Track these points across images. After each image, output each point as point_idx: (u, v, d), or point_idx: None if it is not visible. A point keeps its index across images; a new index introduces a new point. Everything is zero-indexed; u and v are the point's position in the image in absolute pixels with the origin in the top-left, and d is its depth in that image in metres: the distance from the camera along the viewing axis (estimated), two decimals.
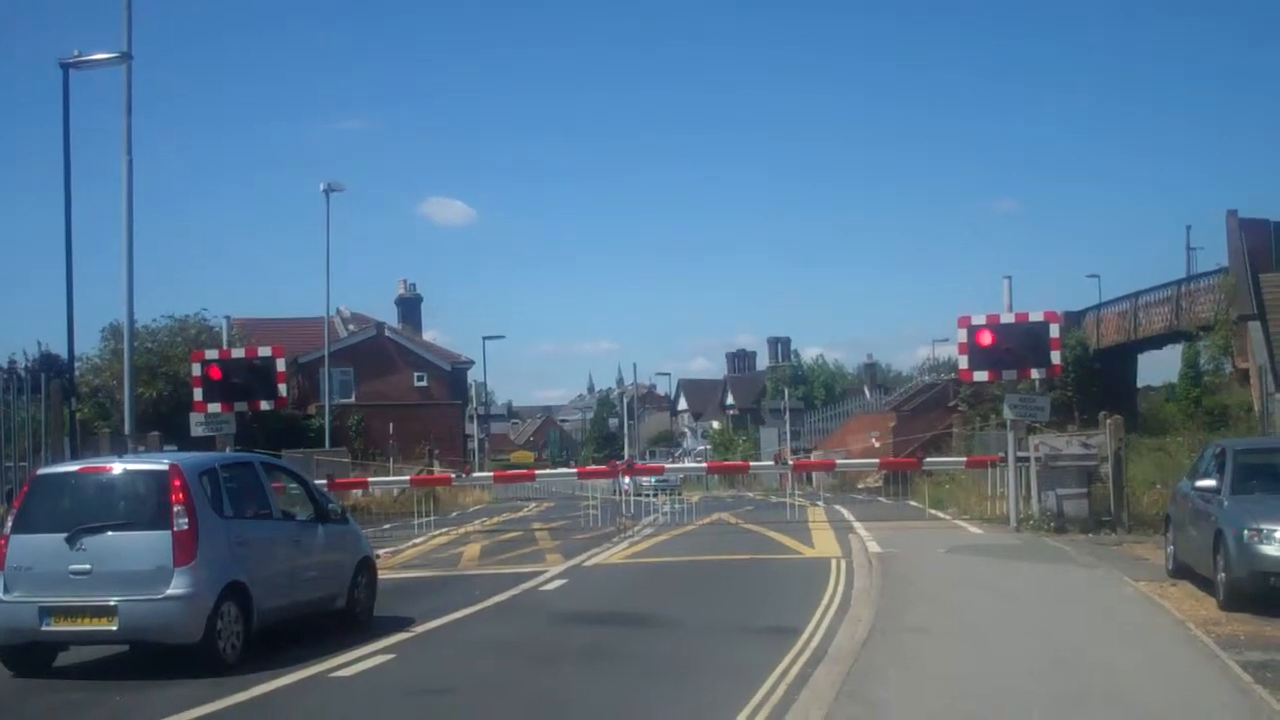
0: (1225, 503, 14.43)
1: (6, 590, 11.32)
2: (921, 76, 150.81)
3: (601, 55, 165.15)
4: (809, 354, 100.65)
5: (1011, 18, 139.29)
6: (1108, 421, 24.75)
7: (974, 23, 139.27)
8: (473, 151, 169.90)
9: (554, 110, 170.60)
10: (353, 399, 56.94)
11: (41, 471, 13.04)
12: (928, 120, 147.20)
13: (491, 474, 40.94)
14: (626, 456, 68.17)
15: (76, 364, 27.15)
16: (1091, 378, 42.70)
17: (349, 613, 13.97)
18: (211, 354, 26.81)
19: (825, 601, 15.36)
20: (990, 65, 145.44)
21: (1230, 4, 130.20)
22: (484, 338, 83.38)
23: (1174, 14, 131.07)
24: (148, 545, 11.27)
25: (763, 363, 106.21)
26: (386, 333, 60.74)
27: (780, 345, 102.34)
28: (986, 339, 24.22)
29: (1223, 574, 13.74)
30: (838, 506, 34.13)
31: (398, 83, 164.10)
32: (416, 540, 27.00)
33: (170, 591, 11.12)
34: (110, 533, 11.35)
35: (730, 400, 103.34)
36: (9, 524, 11.70)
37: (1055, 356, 24.61)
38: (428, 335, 66.68)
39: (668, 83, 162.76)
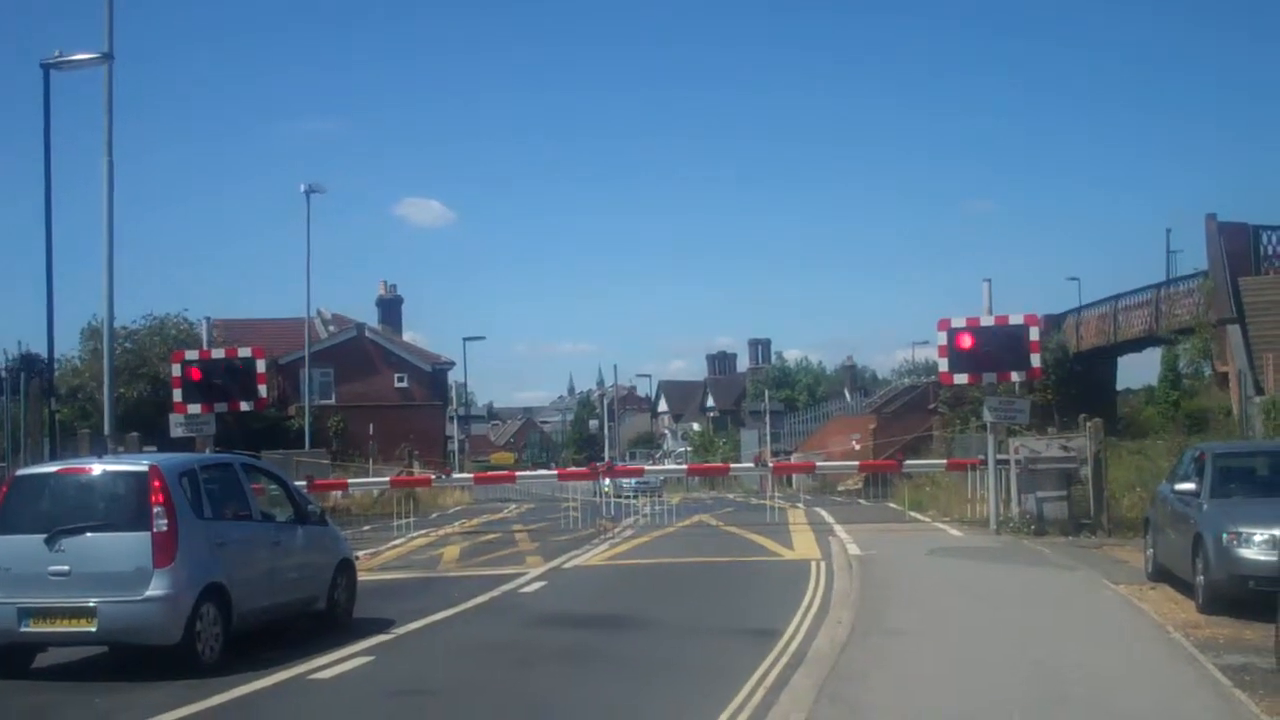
0: (1205, 506, 14.48)
1: None
2: (900, 76, 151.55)
3: (578, 56, 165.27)
4: (790, 355, 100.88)
5: (992, 17, 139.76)
6: (1087, 424, 24.83)
7: (953, 22, 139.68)
8: (450, 152, 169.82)
9: (531, 111, 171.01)
10: (333, 400, 56.87)
11: (20, 472, 13.00)
12: (905, 120, 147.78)
13: (472, 475, 40.81)
14: (607, 458, 68.05)
15: (56, 364, 26.95)
16: (1071, 380, 42.71)
17: (328, 614, 13.93)
18: (191, 355, 26.76)
19: (805, 604, 15.37)
20: (968, 65, 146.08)
21: (1213, 4, 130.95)
22: (464, 339, 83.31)
23: (1157, 13, 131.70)
24: (127, 546, 11.23)
25: (743, 365, 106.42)
26: (367, 334, 60.64)
27: (761, 347, 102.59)
28: (967, 342, 24.27)
29: (1202, 577, 13.79)
30: (817, 509, 34.15)
31: (371, 83, 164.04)
32: (396, 542, 26.94)
33: (149, 593, 11.08)
34: (89, 534, 11.31)
35: (711, 402, 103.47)
36: None
37: (1035, 359, 24.66)
38: (407, 336, 66.62)
39: (646, 83, 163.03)
